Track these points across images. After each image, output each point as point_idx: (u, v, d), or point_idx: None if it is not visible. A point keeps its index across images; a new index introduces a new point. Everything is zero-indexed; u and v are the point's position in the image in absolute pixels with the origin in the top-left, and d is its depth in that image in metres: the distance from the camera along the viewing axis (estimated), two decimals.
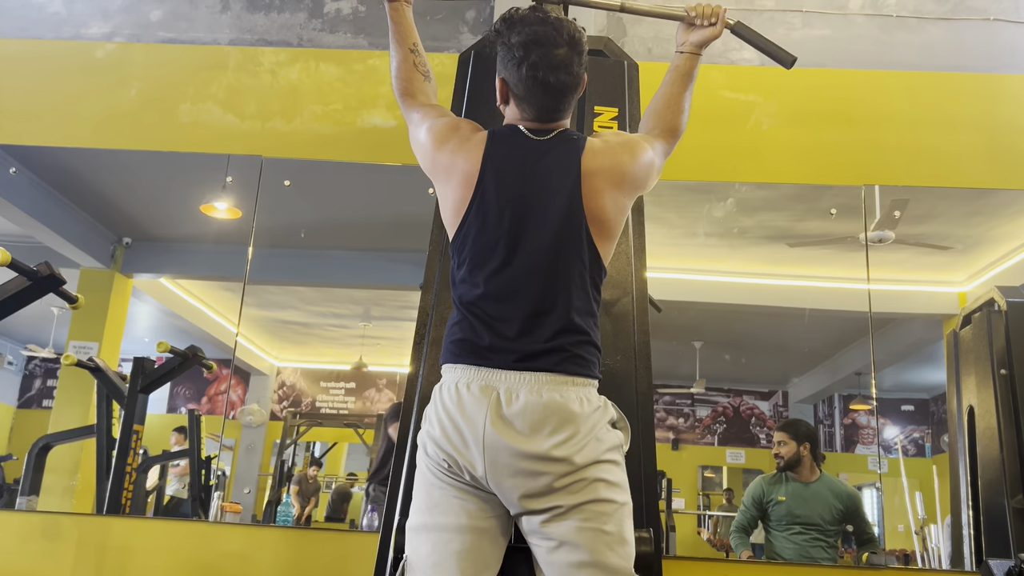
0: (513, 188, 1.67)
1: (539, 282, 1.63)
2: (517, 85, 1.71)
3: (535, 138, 1.71)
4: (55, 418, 4.19)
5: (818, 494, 3.36)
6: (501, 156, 1.69)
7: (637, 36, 3.56)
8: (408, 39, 2.03)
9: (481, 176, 1.67)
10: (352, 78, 3.57)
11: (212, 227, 4.05)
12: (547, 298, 1.63)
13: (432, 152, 1.77)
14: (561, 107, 1.72)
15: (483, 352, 1.61)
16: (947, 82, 3.47)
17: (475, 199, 1.67)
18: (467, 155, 1.71)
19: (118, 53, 3.70)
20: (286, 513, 3.66)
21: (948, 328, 3.57)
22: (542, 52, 1.66)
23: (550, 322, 1.61)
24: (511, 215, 1.65)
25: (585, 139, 1.74)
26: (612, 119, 2.57)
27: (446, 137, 1.76)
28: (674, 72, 2.05)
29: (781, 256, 3.93)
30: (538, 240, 1.64)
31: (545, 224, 1.65)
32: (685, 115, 2.00)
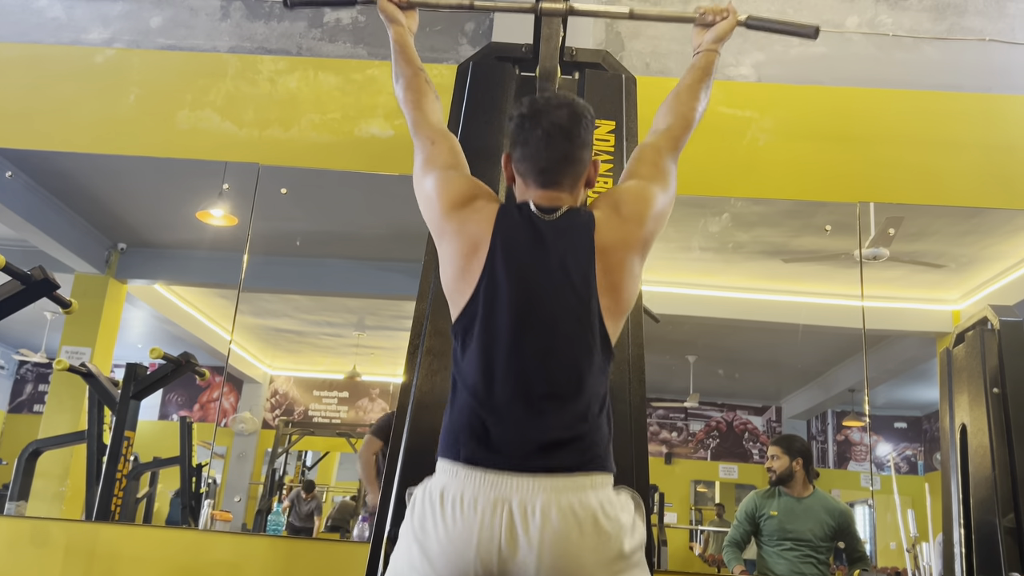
0: (523, 271, 1.59)
1: (550, 369, 1.54)
2: (516, 147, 1.70)
3: (544, 217, 1.65)
4: (46, 423, 4.17)
5: (810, 510, 3.36)
6: (510, 235, 1.62)
7: (635, 50, 3.58)
8: (416, 60, 2.03)
9: (490, 256, 1.60)
10: (351, 87, 3.58)
11: (208, 234, 4.05)
12: (559, 385, 1.53)
13: (440, 215, 1.70)
14: (557, 163, 1.67)
15: (490, 447, 1.47)
16: (943, 101, 3.49)
17: (483, 280, 1.59)
18: (477, 228, 1.64)
19: (117, 59, 3.70)
20: (277, 522, 3.63)
21: (941, 346, 3.58)
22: (539, 106, 1.68)
23: (563, 412, 1.51)
24: (521, 300, 1.57)
25: (593, 216, 1.66)
26: (609, 132, 2.58)
27: (458, 205, 1.69)
28: (691, 70, 2.04)
29: (776, 272, 3.94)
30: (550, 324, 1.56)
31: (557, 309, 1.57)
32: (701, 105, 1.97)
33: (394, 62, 2.05)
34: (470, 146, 2.53)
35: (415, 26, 2.17)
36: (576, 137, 1.67)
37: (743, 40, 3.60)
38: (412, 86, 1.96)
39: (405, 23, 2.12)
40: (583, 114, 1.68)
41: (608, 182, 2.51)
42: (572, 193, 1.70)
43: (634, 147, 2.61)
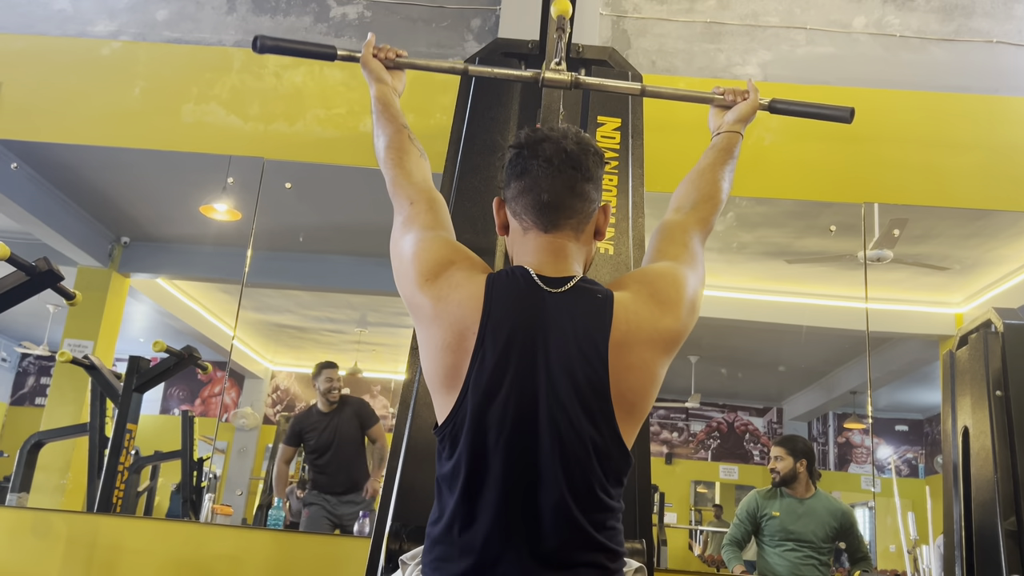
0: (520, 368, 1.30)
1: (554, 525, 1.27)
2: (512, 181, 1.43)
3: (547, 289, 1.35)
4: (48, 416, 4.18)
5: (812, 511, 3.36)
6: (504, 317, 1.32)
7: (641, 49, 3.58)
8: (399, 118, 1.81)
9: (479, 345, 1.30)
10: (356, 82, 3.58)
11: (211, 228, 4.05)
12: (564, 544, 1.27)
13: (414, 285, 1.41)
14: (559, 200, 1.40)
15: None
16: (949, 102, 3.48)
17: (468, 384, 1.30)
18: (460, 311, 1.33)
19: (123, 52, 3.70)
20: (277, 517, 3.64)
21: (944, 349, 3.58)
22: (540, 135, 1.43)
23: (567, 543, 1.27)
24: (516, 408, 1.29)
25: (611, 297, 1.35)
26: (615, 129, 2.58)
27: (435, 272, 1.39)
28: (712, 150, 1.81)
29: (779, 272, 3.94)
30: (553, 439, 1.28)
31: (562, 416, 1.28)
32: (727, 186, 1.73)
33: (376, 122, 1.83)
34: (475, 142, 2.53)
35: (402, 87, 1.99)
36: (584, 167, 1.40)
37: (750, 39, 3.60)
38: (393, 144, 1.74)
39: (390, 82, 1.94)
40: (591, 145, 1.44)
41: (613, 179, 2.51)
42: (579, 240, 1.43)
43: (639, 145, 2.62)
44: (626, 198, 2.50)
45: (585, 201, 1.41)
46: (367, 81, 1.95)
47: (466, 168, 2.50)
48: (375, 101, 1.88)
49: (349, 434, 3.91)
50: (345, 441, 3.90)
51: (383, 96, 1.88)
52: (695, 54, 3.58)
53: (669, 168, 3.19)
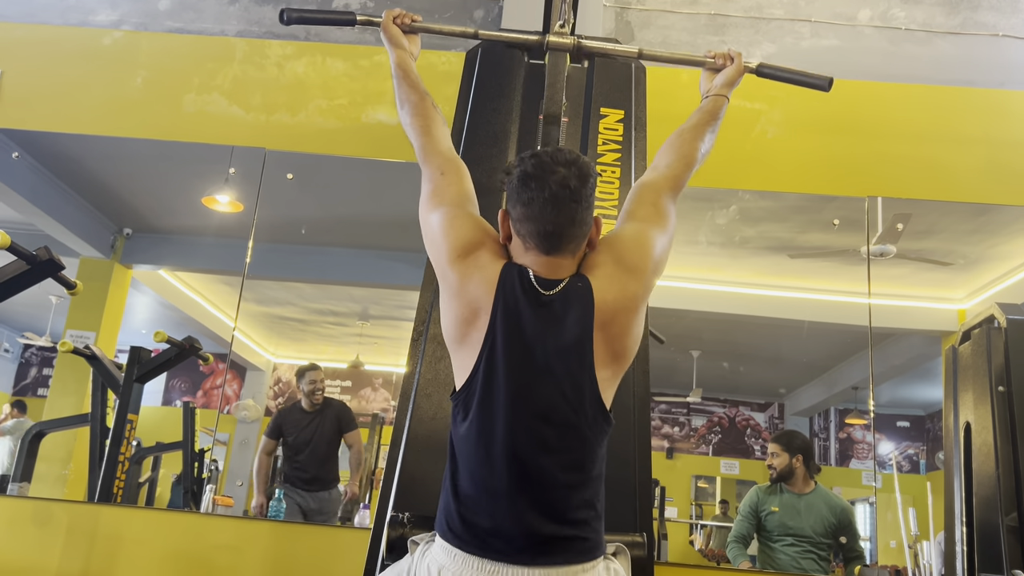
0: (522, 357, 1.54)
1: (547, 463, 1.51)
2: (516, 207, 1.58)
3: (542, 292, 1.56)
4: (49, 407, 4.18)
5: (811, 506, 3.36)
6: (511, 312, 1.55)
7: (645, 40, 3.56)
8: (421, 84, 1.95)
9: (490, 332, 1.55)
10: (358, 73, 3.57)
11: (213, 220, 4.04)
12: (556, 479, 1.51)
13: (445, 261, 1.63)
14: (559, 229, 1.56)
15: (487, 540, 1.49)
16: (954, 96, 3.47)
17: (482, 358, 1.55)
18: (478, 292, 1.57)
19: (125, 41, 3.69)
20: (278, 508, 3.64)
21: (946, 345, 3.57)
22: (540, 165, 1.56)
23: (559, 504, 1.51)
24: (518, 390, 1.53)
25: (591, 288, 1.58)
26: (618, 121, 2.57)
27: (464, 253, 1.61)
28: (698, 111, 1.98)
29: (782, 267, 3.92)
30: (548, 416, 1.53)
31: (556, 398, 1.53)
32: (705, 146, 1.90)
33: (397, 87, 1.97)
34: (477, 133, 2.52)
35: (417, 51, 2.11)
36: (583, 199, 1.56)
37: (754, 32, 3.58)
38: (420, 111, 1.88)
39: (408, 47, 2.07)
40: (590, 173, 1.58)
41: (616, 171, 2.50)
42: (574, 256, 1.61)
43: (642, 137, 2.61)
44: (628, 190, 2.49)
45: (583, 227, 1.60)
46: (386, 47, 2.07)
47: (468, 159, 2.49)
48: (396, 67, 2.00)
49: (327, 435, 4.01)
50: (323, 441, 4.00)
51: (403, 62, 2.00)
52: (699, 46, 3.56)
53: None
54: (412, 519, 1.77)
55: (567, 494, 1.51)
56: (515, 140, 2.51)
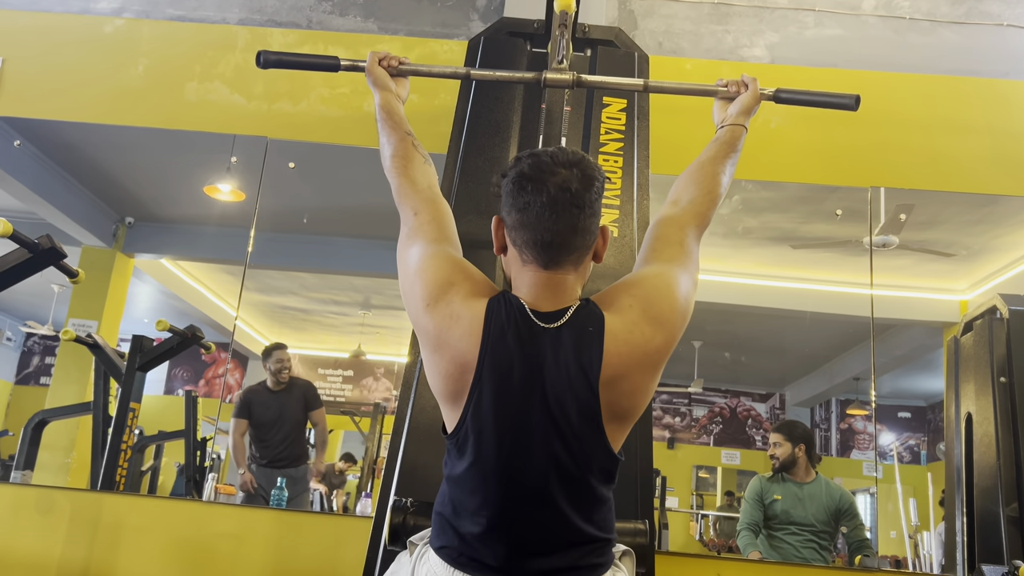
0: (516, 402, 1.38)
1: (548, 526, 1.38)
2: (511, 213, 1.43)
3: (541, 325, 1.40)
4: (52, 395, 4.18)
5: (813, 495, 3.37)
6: (501, 354, 1.38)
7: (648, 29, 3.55)
8: (403, 125, 1.83)
9: (475, 383, 1.38)
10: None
11: (215, 209, 4.04)
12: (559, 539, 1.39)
13: (421, 306, 1.45)
14: (559, 239, 1.41)
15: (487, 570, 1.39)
16: (958, 86, 3.45)
17: (467, 412, 1.39)
18: (461, 344, 1.39)
19: (126, 29, 3.68)
20: (280, 497, 3.65)
21: (948, 336, 3.57)
22: (540, 165, 1.41)
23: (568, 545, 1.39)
24: (513, 433, 1.38)
25: (603, 327, 1.39)
26: (621, 110, 2.56)
27: (436, 296, 1.43)
28: (715, 143, 1.82)
29: (784, 258, 3.92)
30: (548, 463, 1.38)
31: (556, 445, 1.38)
32: (727, 179, 1.75)
33: (380, 130, 1.84)
34: (479, 122, 2.52)
35: (406, 94, 2.00)
36: (587, 204, 1.41)
37: (758, 21, 3.57)
38: (399, 152, 1.75)
39: (394, 89, 1.96)
40: (595, 176, 1.43)
41: (619, 160, 2.49)
42: (577, 271, 1.46)
43: (645, 127, 2.60)
44: (631, 180, 2.49)
45: (587, 236, 1.44)
46: (371, 90, 1.97)
47: (470, 149, 2.49)
48: (379, 109, 1.89)
49: (293, 414, 4.08)
50: (289, 419, 4.06)
51: (387, 104, 1.90)
52: (702, 35, 3.55)
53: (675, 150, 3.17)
54: (414, 505, 1.77)
55: (575, 537, 1.39)
56: (517, 130, 2.51)
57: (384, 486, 2.14)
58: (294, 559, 2.98)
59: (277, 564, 2.99)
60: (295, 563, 2.98)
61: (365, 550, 2.10)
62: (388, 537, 1.75)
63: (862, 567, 3.17)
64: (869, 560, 3.21)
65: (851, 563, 3.31)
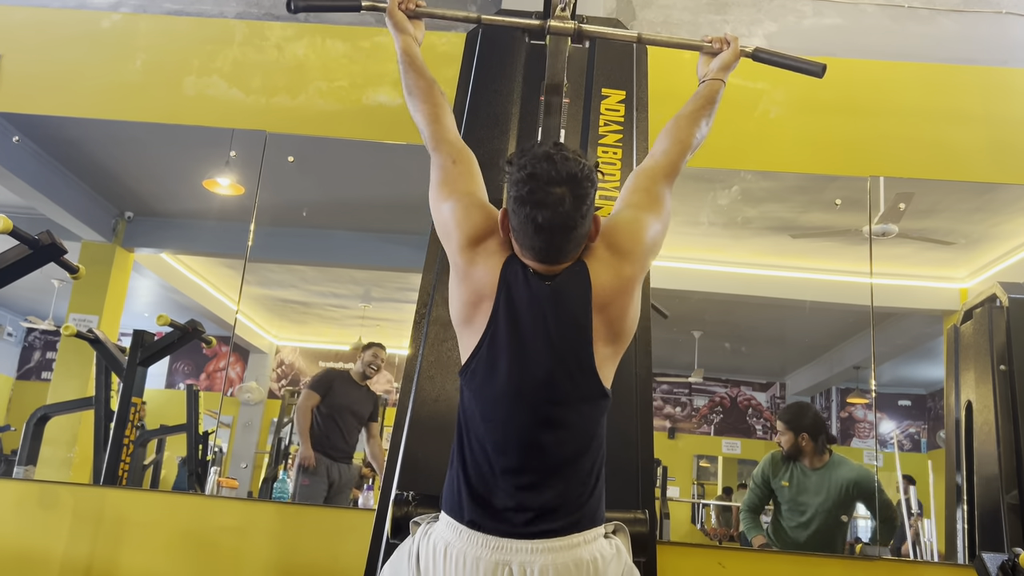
0: (523, 340, 1.59)
1: (549, 440, 1.57)
2: (514, 219, 1.60)
3: (539, 280, 1.61)
4: (54, 390, 4.19)
5: (822, 482, 3.32)
6: (513, 299, 1.60)
7: (646, 20, 3.54)
8: (427, 71, 1.95)
9: (494, 316, 1.60)
10: (358, 55, 3.55)
11: (215, 203, 4.04)
12: (557, 455, 1.57)
13: (456, 249, 1.67)
14: (553, 249, 1.58)
15: (492, 515, 1.53)
16: (957, 75, 3.45)
17: (485, 340, 1.61)
18: (483, 279, 1.62)
19: (124, 24, 3.68)
20: (282, 490, 3.67)
21: (948, 324, 3.57)
22: (534, 187, 1.54)
23: (561, 478, 1.56)
24: (520, 371, 1.58)
25: (588, 273, 1.62)
26: (619, 102, 2.56)
27: (473, 242, 1.66)
28: (694, 97, 1.99)
29: (784, 247, 3.92)
30: (549, 395, 1.58)
31: (557, 376, 1.58)
32: (701, 132, 1.92)
33: (404, 74, 1.95)
34: (478, 114, 2.52)
35: (422, 36, 2.09)
36: (580, 218, 1.57)
37: (756, 10, 3.56)
38: (428, 98, 1.88)
39: (413, 32, 2.05)
40: (589, 189, 1.57)
41: (618, 151, 2.49)
42: (572, 257, 1.63)
43: (644, 118, 2.61)
44: (630, 171, 2.49)
45: (580, 239, 1.61)
46: (392, 33, 2.05)
47: (469, 141, 2.47)
48: (402, 53, 1.99)
49: (361, 412, 4.08)
50: (359, 415, 4.07)
51: (409, 48, 1.99)
52: (700, 25, 3.54)
53: None
54: (416, 498, 1.78)
55: (569, 466, 1.56)
56: (516, 121, 2.51)
57: (386, 479, 2.15)
58: (297, 552, 2.99)
59: (280, 557, 3.00)
60: (298, 556, 2.99)
61: (368, 543, 2.11)
62: (391, 530, 1.76)
63: (863, 555, 3.18)
64: (869, 549, 3.21)
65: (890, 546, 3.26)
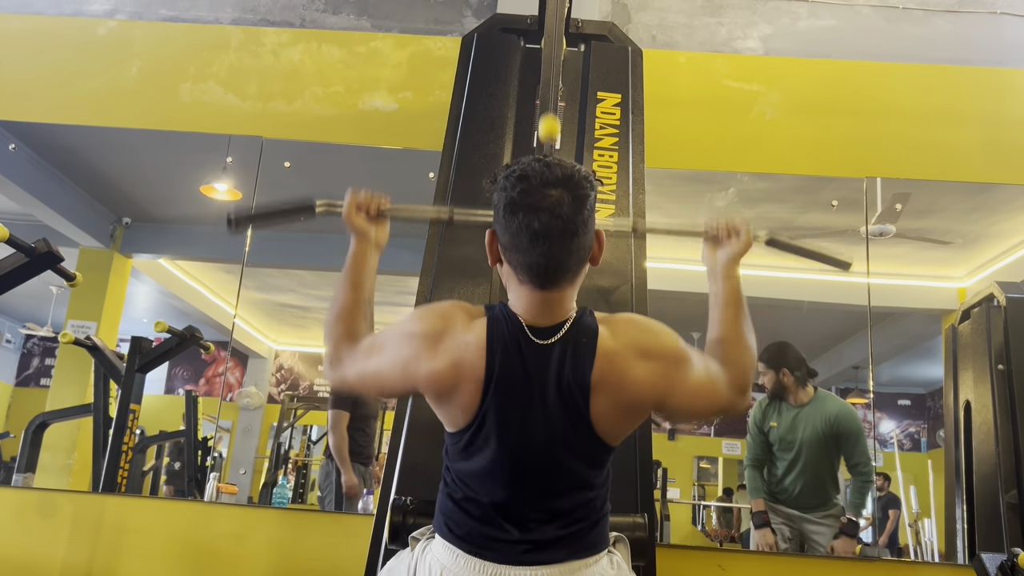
0: (521, 405, 1.42)
1: (549, 505, 1.45)
2: (504, 235, 1.42)
3: (538, 342, 1.43)
4: (52, 397, 4.19)
5: (806, 417, 3.28)
6: (506, 364, 1.41)
7: (641, 23, 3.54)
8: (365, 286, 1.63)
9: (486, 388, 1.41)
10: (354, 60, 3.56)
11: (212, 209, 4.04)
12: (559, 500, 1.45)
13: (425, 358, 1.43)
14: (553, 263, 1.40)
15: (489, 545, 1.44)
16: (952, 75, 3.46)
17: (474, 421, 1.44)
18: (468, 355, 1.41)
19: (119, 31, 3.68)
20: (282, 495, 3.66)
21: (946, 323, 3.57)
22: (527, 188, 1.38)
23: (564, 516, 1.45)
24: (516, 442, 1.43)
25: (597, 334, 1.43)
26: (615, 105, 2.56)
27: (438, 336, 1.43)
28: (718, 309, 1.67)
29: None
30: (547, 457, 1.44)
31: (553, 447, 1.43)
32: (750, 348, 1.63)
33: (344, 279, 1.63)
34: (474, 119, 2.52)
35: (385, 240, 1.71)
36: (580, 225, 1.40)
37: (751, 12, 3.56)
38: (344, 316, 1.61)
39: (373, 237, 1.67)
40: (588, 192, 1.41)
41: (614, 155, 2.49)
42: (574, 285, 1.47)
43: (640, 121, 2.60)
44: (626, 174, 2.49)
45: (582, 253, 1.44)
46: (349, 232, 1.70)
47: (466, 146, 2.49)
48: (352, 258, 1.65)
49: (376, 410, 4.04)
50: (375, 416, 4.02)
51: (361, 255, 1.66)
52: (696, 28, 3.54)
53: (669, 144, 3.18)
54: (414, 503, 1.78)
55: (569, 508, 1.46)
56: (512, 126, 2.51)
57: (385, 484, 2.15)
58: (296, 558, 2.99)
59: (279, 563, 3.00)
60: (297, 562, 2.99)
61: (367, 548, 2.11)
62: (388, 536, 1.75)
63: (863, 556, 3.18)
64: (869, 549, 3.21)
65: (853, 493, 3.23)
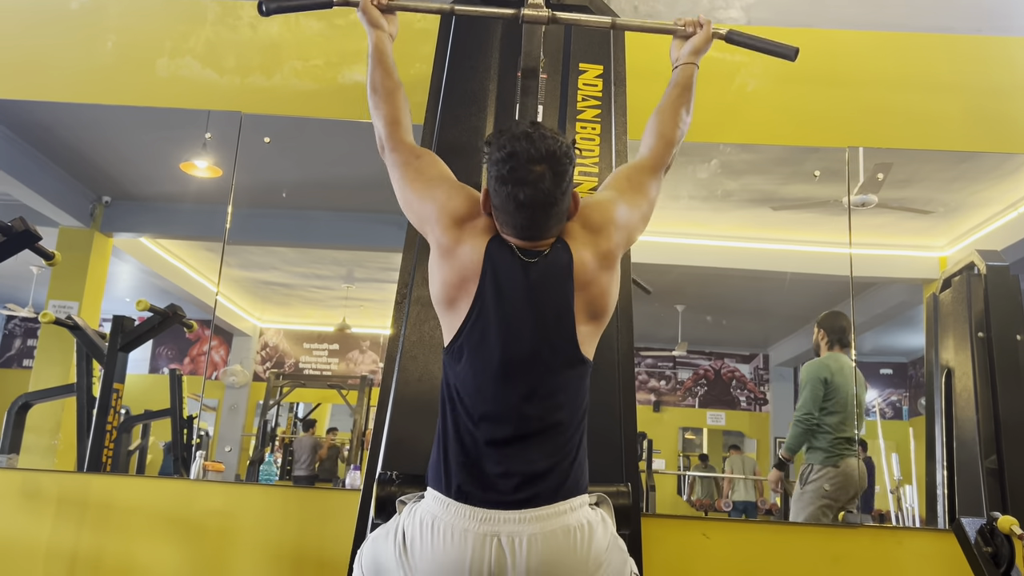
0: (509, 313, 1.61)
1: (535, 409, 1.59)
2: (495, 198, 1.63)
3: (524, 259, 1.64)
4: (35, 378, 4.16)
5: None
6: (498, 272, 1.63)
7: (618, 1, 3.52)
8: (395, 72, 1.97)
9: (480, 292, 1.62)
10: (334, 33, 3.51)
11: (192, 186, 4.00)
12: (543, 423, 1.59)
13: (441, 228, 1.68)
14: (535, 226, 1.63)
15: (478, 486, 1.55)
16: (933, 44, 3.46)
17: (470, 319, 1.62)
18: (468, 260, 1.64)
19: (93, 5, 3.61)
20: (268, 472, 3.67)
21: (928, 292, 3.60)
22: (515, 165, 1.58)
23: (546, 446, 1.58)
24: (507, 343, 1.60)
25: (570, 252, 1.65)
26: (597, 76, 2.55)
27: (458, 223, 1.68)
28: (672, 86, 2.03)
29: (764, 220, 3.93)
30: (534, 367, 1.60)
31: (541, 350, 1.61)
32: (684, 124, 1.97)
33: (372, 70, 1.97)
34: (454, 92, 2.50)
35: (396, 31, 2.09)
36: (560, 195, 1.61)
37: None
38: (393, 101, 1.92)
39: (387, 28, 2.05)
40: (567, 166, 1.61)
41: (596, 127, 2.49)
42: (553, 234, 1.67)
43: (622, 92, 2.60)
44: (609, 146, 2.49)
45: (560, 216, 1.65)
46: (365, 28, 2.04)
47: (447, 119, 2.48)
48: (374, 49, 1.99)
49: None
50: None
51: (381, 45, 2.00)
52: (674, 4, 3.52)
53: None
54: (400, 477, 1.79)
55: (553, 433, 1.58)
56: (494, 98, 2.49)
57: (371, 459, 2.16)
58: (283, 534, 3.00)
59: (267, 539, 3.01)
60: (285, 537, 3.00)
61: (354, 523, 2.12)
62: (375, 509, 1.76)
63: (845, 523, 3.22)
64: (851, 516, 3.25)
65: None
